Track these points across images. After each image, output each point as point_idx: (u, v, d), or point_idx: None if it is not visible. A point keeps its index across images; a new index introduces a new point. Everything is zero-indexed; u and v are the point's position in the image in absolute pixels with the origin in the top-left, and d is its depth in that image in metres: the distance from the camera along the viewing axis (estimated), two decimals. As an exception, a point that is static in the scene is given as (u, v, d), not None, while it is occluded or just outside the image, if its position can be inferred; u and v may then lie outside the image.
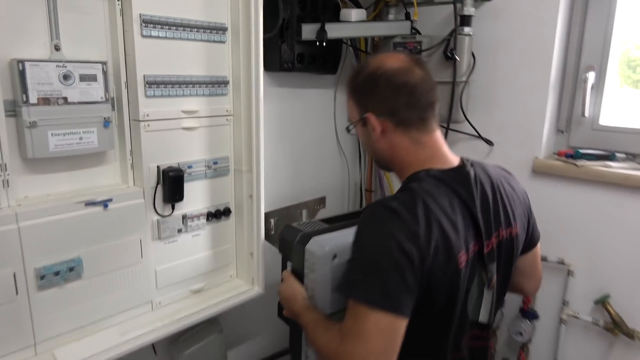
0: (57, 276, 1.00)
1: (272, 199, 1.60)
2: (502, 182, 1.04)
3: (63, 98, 1.00)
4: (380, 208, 0.90)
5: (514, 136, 1.55)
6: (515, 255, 1.05)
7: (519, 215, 1.05)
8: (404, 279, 0.84)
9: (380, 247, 0.86)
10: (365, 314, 0.84)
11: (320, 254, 1.08)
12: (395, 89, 0.96)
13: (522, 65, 1.50)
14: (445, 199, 0.92)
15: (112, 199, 1.07)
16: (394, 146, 1.00)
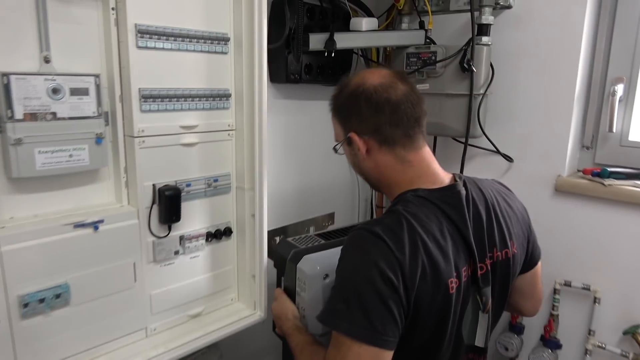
0: (42, 304, 0.94)
1: (278, 215, 1.53)
2: (497, 200, 1.00)
3: (52, 113, 0.93)
4: (363, 233, 0.86)
5: (535, 152, 1.46)
6: (512, 276, 1.01)
7: (517, 235, 1.01)
8: (388, 309, 0.81)
9: (362, 275, 0.82)
10: (348, 345, 0.81)
11: (312, 273, 1.06)
12: (377, 107, 0.92)
13: (545, 76, 1.41)
14: (434, 221, 0.88)
15: (104, 220, 1.01)
16: (379, 166, 0.96)
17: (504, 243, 0.97)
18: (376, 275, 0.80)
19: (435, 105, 1.44)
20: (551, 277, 1.46)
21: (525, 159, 1.48)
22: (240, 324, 1.24)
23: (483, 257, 0.94)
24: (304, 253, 1.11)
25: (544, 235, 1.47)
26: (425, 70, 1.43)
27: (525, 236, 1.05)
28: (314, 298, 1.07)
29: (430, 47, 1.43)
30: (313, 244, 1.21)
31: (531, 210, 1.47)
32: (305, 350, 0.98)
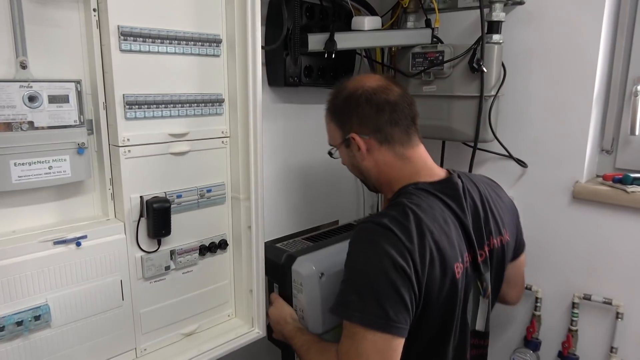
0: (20, 326, 0.87)
1: (279, 225, 1.47)
2: (488, 191, 1.06)
3: (28, 122, 0.87)
4: (371, 225, 0.90)
5: (551, 157, 1.37)
6: (506, 262, 1.07)
7: (508, 223, 1.07)
8: (400, 297, 0.84)
9: (373, 266, 0.85)
10: (362, 335, 0.84)
11: (307, 273, 1.08)
12: (378, 107, 0.98)
13: (561, 76, 1.32)
14: (437, 210, 0.93)
15: (87, 235, 0.94)
16: (379, 164, 1.01)
17: (498, 231, 1.03)
18: (388, 264, 0.84)
19: (443, 108, 1.35)
20: (569, 291, 1.37)
21: (540, 164, 1.39)
22: (237, 342, 1.16)
23: (482, 244, 0.99)
24: (296, 255, 1.12)
25: (561, 246, 1.38)
26: (432, 71, 1.34)
27: (515, 225, 1.11)
28: (311, 298, 1.09)
29: (438, 46, 1.35)
30: (303, 247, 1.21)
31: (547, 218, 1.40)
32: (312, 349, 0.99)
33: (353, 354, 0.85)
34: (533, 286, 1.43)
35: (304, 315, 1.10)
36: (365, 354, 0.84)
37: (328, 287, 1.10)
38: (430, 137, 1.42)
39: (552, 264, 1.41)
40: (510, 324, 1.52)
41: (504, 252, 1.05)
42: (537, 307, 1.43)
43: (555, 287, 1.41)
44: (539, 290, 1.42)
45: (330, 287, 1.11)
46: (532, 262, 1.44)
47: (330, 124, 1.06)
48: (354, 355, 0.85)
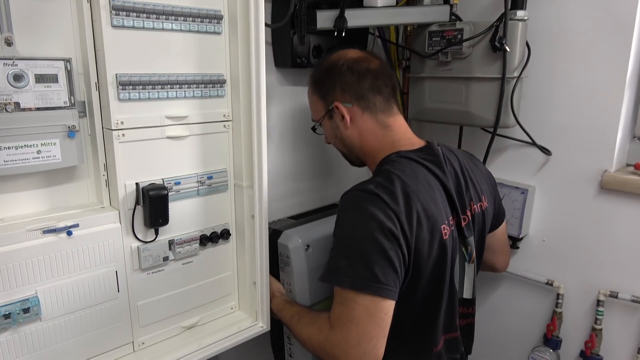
0: (8, 319, 0.83)
1: (288, 211, 1.40)
2: (466, 160, 1.08)
3: (14, 103, 0.82)
4: (356, 193, 0.92)
5: (577, 144, 1.27)
6: (486, 229, 1.09)
7: (486, 191, 1.09)
8: (389, 260, 0.85)
9: (361, 230, 0.87)
10: (353, 299, 0.86)
11: (293, 245, 1.11)
12: (359, 74, 1.01)
13: (590, 57, 1.22)
14: (421, 175, 0.95)
15: (78, 224, 0.89)
16: (362, 132, 1.04)
17: (477, 197, 1.05)
18: (375, 228, 0.85)
19: (460, 90, 1.27)
20: (594, 287, 1.29)
21: (565, 151, 1.30)
22: (240, 337, 1.11)
23: (464, 209, 1.01)
24: (282, 229, 1.15)
25: (587, 239, 1.30)
26: (449, 51, 1.25)
27: (493, 194, 1.13)
28: (298, 270, 1.12)
29: (456, 24, 1.26)
30: (287, 224, 1.23)
31: (572, 210, 1.31)
32: (302, 319, 1.00)
33: (345, 318, 0.87)
34: (555, 282, 1.35)
35: (291, 288, 1.13)
36: (357, 318, 0.85)
37: (315, 259, 1.13)
38: (446, 122, 1.34)
39: (577, 258, 1.32)
40: (529, 320, 1.44)
41: (484, 218, 1.07)
42: (559, 303, 1.35)
43: (579, 283, 1.32)
44: (561, 286, 1.34)
45: (316, 259, 1.15)
46: (555, 256, 1.36)
47: (313, 97, 1.10)
48: (346, 320, 0.87)
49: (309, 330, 0.96)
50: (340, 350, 0.87)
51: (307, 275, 1.12)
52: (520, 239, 1.40)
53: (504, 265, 1.27)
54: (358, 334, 0.85)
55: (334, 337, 0.88)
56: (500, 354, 1.53)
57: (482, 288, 1.52)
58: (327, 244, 1.15)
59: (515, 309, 1.47)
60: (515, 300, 1.46)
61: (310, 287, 1.13)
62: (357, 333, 0.85)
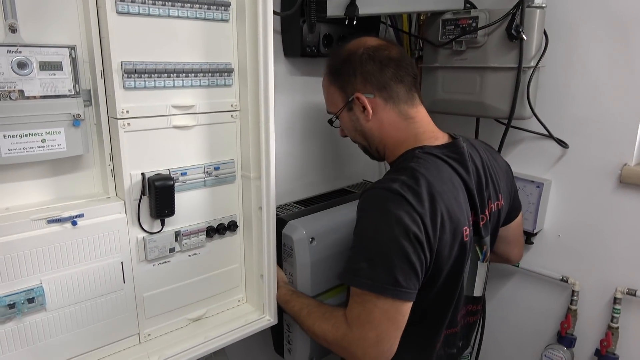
0: (13, 309, 0.82)
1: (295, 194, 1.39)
2: (488, 156, 1.05)
3: (19, 91, 0.80)
4: (381, 192, 0.88)
5: (595, 137, 1.23)
6: (499, 226, 1.08)
7: (503, 189, 1.06)
8: (410, 264, 0.84)
9: (385, 234, 0.84)
10: (372, 302, 0.85)
11: (298, 237, 1.10)
12: (381, 63, 0.96)
13: (611, 46, 1.18)
14: (445, 174, 0.92)
15: (83, 214, 0.88)
16: (384, 125, 0.99)
17: (496, 196, 1.03)
18: (400, 232, 0.83)
19: (474, 81, 1.23)
20: (611, 285, 1.25)
21: (583, 144, 1.26)
22: (247, 330, 1.10)
23: (484, 209, 0.99)
24: (287, 219, 1.13)
25: (604, 235, 1.26)
26: (464, 40, 1.22)
27: (510, 189, 1.10)
28: (301, 262, 1.11)
29: (471, 12, 1.22)
30: (294, 212, 1.21)
31: (589, 204, 1.27)
32: (313, 313, 0.98)
33: (364, 320, 0.86)
34: (570, 278, 1.32)
35: (293, 279, 1.13)
36: (376, 321, 0.85)
37: (318, 252, 1.13)
38: (460, 113, 1.30)
39: (593, 254, 1.28)
40: (543, 317, 1.41)
41: (498, 216, 1.06)
42: (574, 300, 1.31)
43: (596, 280, 1.29)
44: (576, 282, 1.30)
45: (320, 252, 1.14)
46: (571, 251, 1.32)
47: (331, 88, 1.04)
48: (365, 321, 0.86)
49: (323, 327, 0.94)
50: (359, 349, 0.87)
51: (309, 268, 1.11)
52: (534, 234, 1.36)
53: (519, 257, 1.24)
54: (377, 335, 0.86)
55: (351, 336, 0.88)
56: (514, 351, 1.50)
57: (495, 284, 1.49)
58: (332, 237, 1.16)
59: (529, 305, 1.43)
60: (529, 297, 1.43)
61: (313, 279, 1.12)
62: (376, 335, 0.86)
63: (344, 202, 1.29)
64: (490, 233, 1.04)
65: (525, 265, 1.40)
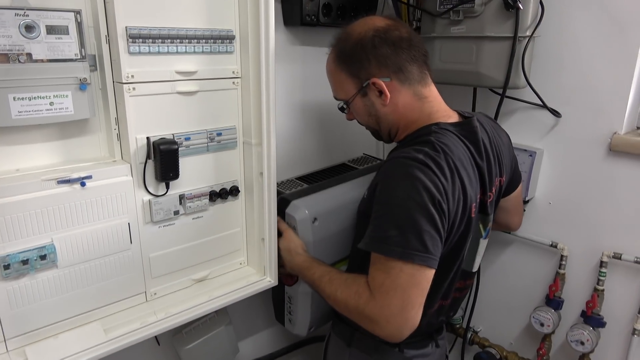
0: (26, 265, 0.86)
1: (296, 170, 1.41)
2: (494, 134, 1.06)
3: (26, 54, 0.82)
4: (408, 161, 0.88)
5: (587, 106, 1.26)
6: (500, 199, 1.11)
7: (506, 164, 1.08)
8: (437, 231, 0.86)
9: (413, 201, 0.85)
10: (399, 269, 0.85)
11: (301, 217, 1.12)
12: (395, 45, 0.94)
13: (604, 16, 1.19)
14: (460, 151, 0.93)
15: (92, 176, 0.91)
16: (399, 107, 0.98)
17: (499, 172, 1.05)
18: (429, 199, 0.84)
19: (471, 50, 1.25)
20: (598, 249, 1.30)
21: (575, 114, 1.29)
22: (248, 290, 1.14)
23: (491, 187, 1.01)
24: (290, 199, 1.14)
25: (593, 201, 1.30)
26: (461, 9, 1.23)
27: (511, 163, 1.13)
28: (304, 241, 1.12)
29: (469, -19, 1.23)
30: (297, 189, 1.22)
31: (580, 172, 1.31)
32: (335, 280, 0.97)
33: (389, 286, 0.85)
34: (559, 244, 1.37)
35: None
36: (402, 287, 0.85)
37: (321, 232, 1.14)
38: (457, 83, 1.33)
39: (582, 220, 1.33)
40: (532, 281, 1.46)
41: (500, 192, 1.08)
42: (562, 265, 1.37)
43: (583, 245, 1.34)
44: (565, 248, 1.35)
45: (322, 231, 1.15)
46: (560, 218, 1.37)
47: (340, 75, 1.00)
48: (390, 288, 0.85)
49: (345, 293, 0.93)
50: (382, 317, 0.86)
51: (312, 247, 1.12)
52: (526, 202, 1.40)
53: (518, 224, 1.28)
54: (402, 301, 0.85)
55: (374, 303, 0.87)
56: (504, 313, 1.56)
57: (488, 250, 1.53)
58: (333, 216, 1.17)
59: (519, 270, 1.49)
60: (519, 262, 1.48)
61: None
62: (402, 301, 0.85)
63: (346, 179, 1.28)
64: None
65: (517, 231, 1.45)
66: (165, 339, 1.24)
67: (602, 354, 1.35)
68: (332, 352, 1.18)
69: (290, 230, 1.13)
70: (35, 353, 0.89)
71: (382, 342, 1.07)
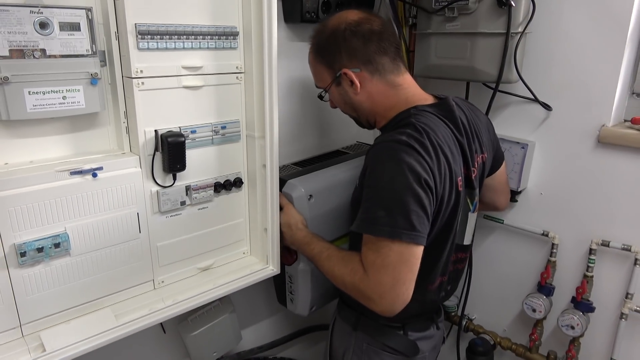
0: (41, 253, 0.90)
1: (293, 157, 1.45)
2: (470, 113, 1.11)
3: (40, 50, 0.86)
4: (392, 144, 0.93)
5: (577, 100, 1.31)
6: (484, 177, 1.16)
7: (486, 142, 1.13)
8: (424, 209, 0.90)
9: (400, 181, 0.89)
10: (389, 247, 0.90)
11: (297, 195, 1.17)
12: (364, 37, 1.00)
13: (594, 13, 1.24)
14: (441, 129, 0.98)
15: (103, 167, 0.95)
16: (373, 95, 1.05)
17: (480, 149, 1.10)
18: (414, 179, 0.89)
19: (465, 46, 1.30)
20: (587, 237, 1.35)
21: (565, 107, 1.34)
22: (251, 278, 1.18)
23: (473, 162, 1.06)
24: (286, 179, 1.20)
25: (583, 191, 1.35)
26: (455, 6, 1.28)
27: (492, 142, 1.18)
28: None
29: (463, -21, 1.27)
30: (292, 172, 1.28)
31: (570, 164, 1.36)
32: (333, 257, 1.02)
33: (380, 265, 0.90)
34: (550, 232, 1.42)
35: None
36: (392, 265, 0.90)
37: (316, 208, 1.20)
38: (451, 78, 1.37)
39: (572, 210, 1.38)
40: (525, 269, 1.51)
41: (483, 169, 1.13)
42: (553, 253, 1.42)
43: (574, 234, 1.39)
44: (556, 236, 1.41)
45: (318, 208, 1.21)
46: (552, 208, 1.42)
47: (318, 66, 1.09)
48: (380, 266, 0.90)
49: (342, 270, 0.99)
50: (375, 294, 0.92)
51: (309, 223, 1.18)
52: (519, 193, 1.45)
53: (505, 204, 1.33)
54: (393, 278, 0.90)
55: (368, 281, 0.92)
56: (498, 301, 1.61)
57: (482, 239, 1.59)
58: (328, 194, 1.23)
59: (512, 258, 1.54)
60: (512, 251, 1.54)
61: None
62: (392, 278, 0.90)
63: (339, 162, 1.36)
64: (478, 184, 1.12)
65: (509, 221, 1.50)
66: (170, 326, 1.28)
67: (591, 337, 1.41)
68: (338, 336, 1.22)
69: (291, 205, 1.17)
70: (50, 338, 0.92)
71: (387, 326, 1.12)
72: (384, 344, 1.12)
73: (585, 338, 1.40)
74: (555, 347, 1.49)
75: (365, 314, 1.14)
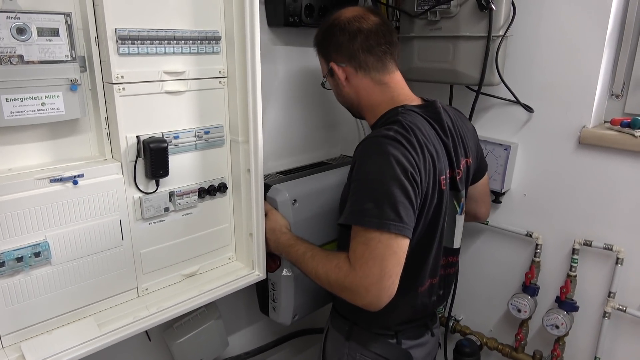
0: (21, 262, 0.88)
1: (278, 167, 1.45)
2: (456, 119, 1.14)
3: (18, 56, 0.84)
4: (379, 139, 0.95)
5: (558, 102, 1.33)
6: (468, 183, 1.18)
7: (471, 148, 1.16)
8: (410, 202, 0.92)
9: (387, 174, 0.91)
10: (377, 239, 0.90)
11: (281, 199, 1.19)
12: (350, 35, 1.05)
13: (573, 16, 1.26)
14: (427, 128, 1.01)
15: (83, 174, 0.93)
16: (359, 90, 1.09)
17: (465, 153, 1.12)
18: (400, 172, 0.90)
19: (448, 49, 1.31)
20: (570, 237, 1.37)
21: (547, 109, 1.36)
22: (237, 284, 1.18)
23: (458, 164, 1.08)
24: (271, 184, 1.22)
25: (565, 192, 1.37)
26: (438, 10, 1.29)
27: (477, 150, 1.21)
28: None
29: (445, -17, 1.29)
30: (276, 179, 1.29)
31: (552, 165, 1.38)
32: (317, 256, 1.02)
33: (368, 257, 0.91)
34: (534, 233, 1.43)
35: None
36: (380, 256, 0.90)
37: (300, 213, 1.21)
38: (434, 80, 1.38)
39: (555, 210, 1.40)
40: (509, 270, 1.53)
41: (468, 173, 1.15)
42: (537, 253, 1.43)
43: (557, 234, 1.40)
44: (539, 236, 1.42)
45: (302, 212, 1.22)
46: (535, 209, 1.44)
47: (318, 56, 1.16)
48: (368, 258, 0.91)
49: (326, 267, 0.98)
50: (362, 287, 0.91)
51: (293, 228, 1.18)
52: (502, 194, 1.47)
53: (486, 214, 1.35)
54: (380, 270, 0.90)
55: (354, 274, 0.92)
56: (483, 301, 1.62)
57: (467, 241, 1.60)
58: (313, 199, 1.24)
59: (496, 259, 1.55)
60: (497, 252, 1.55)
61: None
62: (379, 270, 0.90)
63: (323, 170, 1.36)
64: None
65: (493, 222, 1.51)
66: (156, 334, 1.26)
67: (575, 336, 1.42)
68: (331, 346, 1.21)
69: (275, 210, 1.19)
70: (31, 349, 0.91)
71: (380, 335, 1.12)
72: (376, 354, 1.11)
73: (570, 337, 1.42)
74: (540, 346, 1.51)
75: (358, 324, 1.13)
